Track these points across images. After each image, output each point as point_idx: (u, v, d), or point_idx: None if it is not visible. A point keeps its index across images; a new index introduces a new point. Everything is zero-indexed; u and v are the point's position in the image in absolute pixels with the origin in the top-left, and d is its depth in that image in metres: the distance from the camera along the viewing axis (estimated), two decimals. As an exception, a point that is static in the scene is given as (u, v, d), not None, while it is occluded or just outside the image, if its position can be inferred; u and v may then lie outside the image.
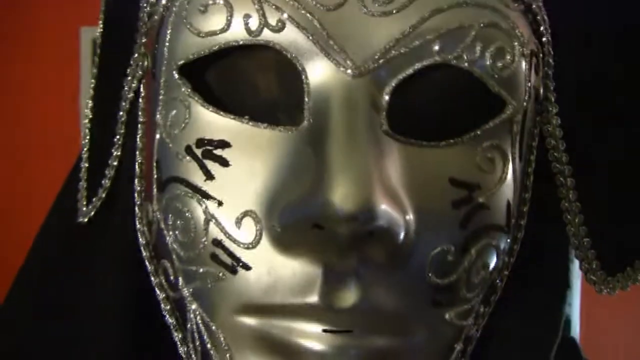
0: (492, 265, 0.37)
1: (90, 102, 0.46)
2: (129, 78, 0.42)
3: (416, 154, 0.35)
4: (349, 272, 0.33)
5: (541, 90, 0.40)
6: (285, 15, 0.34)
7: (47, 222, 0.49)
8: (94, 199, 0.44)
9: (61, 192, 0.49)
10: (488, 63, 0.35)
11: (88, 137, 0.46)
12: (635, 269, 0.39)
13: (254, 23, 0.35)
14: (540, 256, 0.43)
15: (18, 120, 2.11)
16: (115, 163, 0.43)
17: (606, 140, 0.42)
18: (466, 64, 0.35)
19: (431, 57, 0.35)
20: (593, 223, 0.41)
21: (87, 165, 0.45)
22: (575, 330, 1.95)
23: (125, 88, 0.43)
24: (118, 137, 0.43)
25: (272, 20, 0.34)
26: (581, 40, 0.42)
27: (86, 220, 0.44)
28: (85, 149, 0.46)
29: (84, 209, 0.44)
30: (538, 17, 0.40)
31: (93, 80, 0.47)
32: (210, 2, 0.35)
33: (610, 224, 0.42)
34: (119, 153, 0.43)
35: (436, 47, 0.35)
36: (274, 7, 0.34)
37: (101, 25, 0.46)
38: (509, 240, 0.38)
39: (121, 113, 0.43)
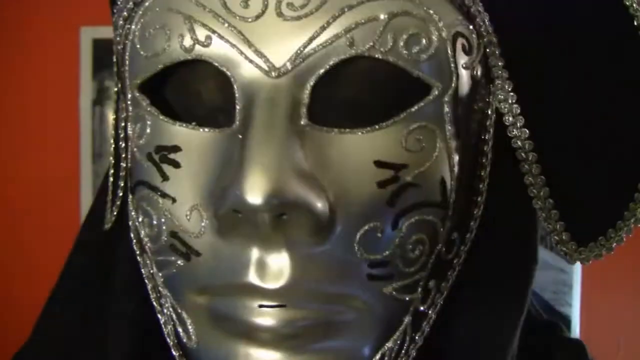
0: (429, 240, 0.39)
1: (112, 117, 0.51)
2: (121, 100, 0.47)
3: (339, 141, 0.38)
4: (278, 252, 0.37)
5: (478, 70, 0.41)
6: (211, 31, 0.39)
7: (80, 233, 0.54)
8: (113, 207, 0.49)
9: (93, 204, 0.54)
10: (403, 50, 0.38)
11: (112, 151, 0.51)
12: (608, 238, 0.41)
13: (187, 41, 0.39)
14: (506, 232, 0.45)
15: (18, 120, 2.11)
16: (123, 174, 0.48)
17: (566, 111, 0.43)
18: (379, 54, 0.37)
19: (344, 52, 0.37)
20: (559, 195, 0.42)
21: (111, 179, 0.50)
22: (575, 331, 1.95)
23: (120, 108, 0.47)
24: (121, 151, 0.47)
25: (201, 37, 0.39)
26: (521, 13, 0.43)
27: (108, 227, 0.49)
28: (111, 162, 0.50)
29: (108, 216, 0.50)
30: (466, 1, 0.41)
31: (115, 96, 0.51)
32: (152, 28, 0.40)
33: (578, 194, 0.43)
34: (125, 165, 0.47)
35: (347, 43, 0.37)
36: (201, 25, 0.39)
37: (115, 53, 0.51)
38: (449, 216, 0.40)
39: (119, 130, 0.48)
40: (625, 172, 0.42)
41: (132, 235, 0.45)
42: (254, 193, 0.34)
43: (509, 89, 0.42)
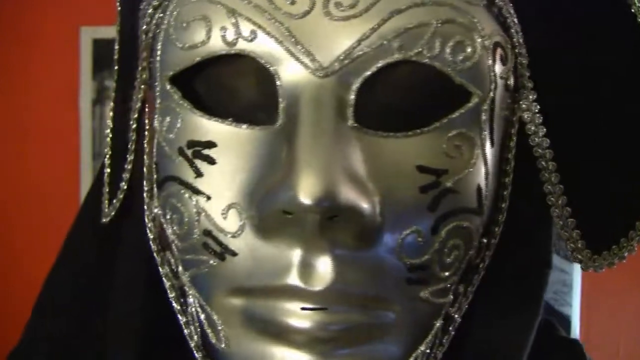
0: (464, 246, 0.40)
1: (111, 112, 0.51)
2: (136, 89, 0.46)
3: (383, 145, 0.38)
4: (322, 255, 0.37)
5: (511, 80, 0.42)
6: (256, 26, 0.38)
7: (74, 227, 0.53)
8: (114, 201, 0.47)
9: (87, 197, 0.53)
10: (449, 57, 0.38)
11: (110, 145, 0.50)
12: (621, 247, 0.42)
13: (230, 35, 0.38)
14: (522, 237, 0.46)
15: (18, 120, 2.11)
16: (129, 167, 0.47)
17: (586, 122, 0.44)
18: (427, 60, 0.38)
19: (392, 55, 0.37)
20: (577, 203, 0.43)
21: (109, 170, 0.49)
22: (575, 331, 1.95)
23: (134, 98, 0.46)
24: (130, 143, 0.47)
25: (246, 32, 0.38)
26: (551, 27, 0.44)
27: (107, 220, 0.48)
28: (107, 155, 0.49)
29: (106, 210, 0.48)
30: (503, 10, 0.42)
31: (113, 93, 0.50)
32: (191, 18, 0.39)
33: (594, 203, 0.44)
34: (132, 158, 0.47)
35: (396, 45, 0.37)
36: (246, 19, 0.38)
37: (117, 41, 0.50)
38: (482, 222, 0.41)
39: (131, 122, 0.47)
40: (638, 184, 0.43)
41: (150, 231, 0.44)
42: (308, 194, 0.34)
43: (532, 99, 0.43)
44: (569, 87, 0.44)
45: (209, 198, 0.39)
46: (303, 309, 0.37)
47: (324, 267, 0.37)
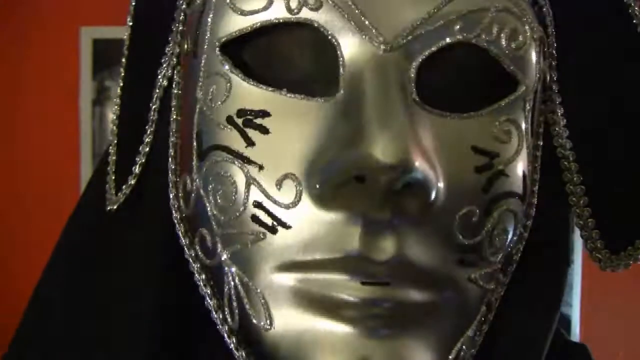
0: (510, 231, 0.40)
1: (118, 99, 0.49)
2: (164, 66, 0.45)
3: (441, 123, 0.38)
4: (385, 226, 0.36)
5: (548, 77, 0.44)
6: None
7: (74, 215, 0.51)
8: (123, 187, 0.46)
9: (89, 184, 0.52)
10: (504, 43, 0.39)
11: (116, 131, 0.48)
12: (636, 248, 0.43)
13: (293, 2, 0.38)
14: (546, 235, 0.46)
15: (18, 120, 2.11)
16: (147, 149, 0.45)
17: (608, 126, 0.45)
18: (485, 44, 0.39)
19: (454, 35, 0.38)
20: (597, 204, 0.44)
21: (114, 158, 0.47)
22: (575, 331, 1.95)
23: (159, 77, 0.45)
24: (150, 124, 0.45)
25: (311, 0, 0.37)
26: (580, 30, 0.45)
27: (115, 207, 0.46)
28: (114, 141, 0.48)
29: (113, 197, 0.46)
30: (544, 9, 0.44)
31: (121, 80, 0.49)
32: None
33: (613, 205, 0.44)
34: (149, 139, 0.45)
35: (457, 27, 0.38)
36: None
37: (130, 23, 0.49)
38: (524, 210, 0.41)
39: (154, 100, 0.45)
40: None
41: (176, 210, 0.42)
42: (387, 155, 0.33)
43: (559, 101, 0.44)
44: (593, 91, 0.45)
45: (261, 168, 0.37)
46: (364, 283, 0.36)
47: (387, 238, 0.36)
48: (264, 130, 0.38)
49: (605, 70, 0.45)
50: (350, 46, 0.37)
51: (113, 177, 0.47)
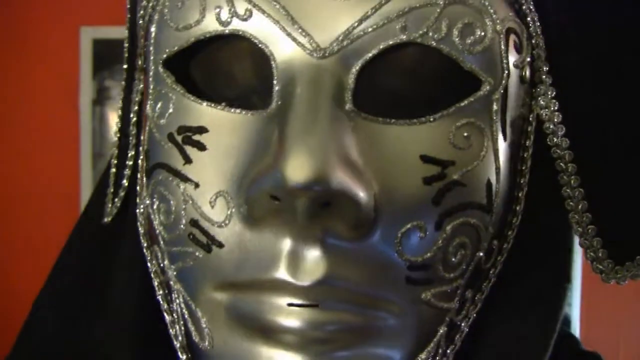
0: (472, 245, 0.37)
1: (120, 111, 0.49)
2: (136, 81, 0.45)
3: (384, 131, 0.35)
4: (313, 246, 0.34)
5: (527, 71, 0.40)
6: (252, 4, 0.36)
7: (77, 226, 0.51)
8: (115, 199, 0.46)
9: (91, 198, 0.52)
10: (456, 40, 0.36)
11: (117, 145, 0.48)
12: None
13: (224, 14, 0.36)
14: (541, 245, 0.42)
15: (18, 120, 2.11)
16: (130, 163, 0.45)
17: (609, 122, 0.41)
18: (433, 42, 0.35)
19: (396, 36, 0.35)
20: (598, 209, 0.40)
21: (114, 170, 0.47)
22: (575, 331, 1.95)
23: (134, 91, 0.45)
24: (131, 137, 0.45)
25: (241, 10, 0.36)
26: (571, 20, 0.41)
27: (109, 220, 0.46)
28: (115, 154, 0.48)
29: (109, 209, 0.47)
30: None
31: (122, 92, 0.49)
32: (185, 0, 0.38)
33: (617, 210, 0.40)
34: (132, 153, 0.45)
35: (399, 26, 0.35)
36: None
37: (126, 39, 0.48)
38: (492, 221, 0.38)
39: (131, 115, 0.45)
40: None
41: (140, 225, 0.42)
42: (298, 175, 0.31)
43: (551, 96, 0.40)
44: (590, 84, 0.41)
45: (197, 186, 0.37)
46: (290, 304, 0.34)
47: (315, 259, 0.34)
48: (201, 147, 0.37)
49: (604, 60, 0.41)
50: (284, 55, 0.35)
51: (112, 190, 0.47)
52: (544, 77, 0.40)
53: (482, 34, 0.36)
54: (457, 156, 0.36)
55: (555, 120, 0.40)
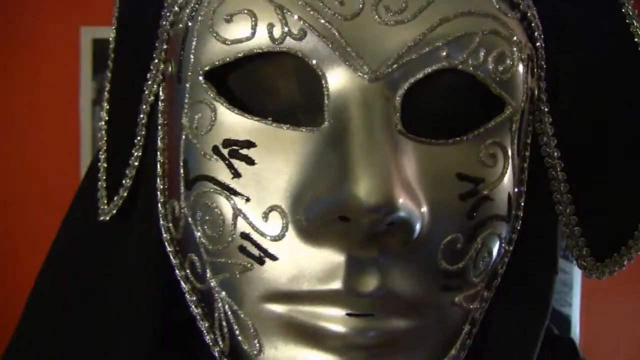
0: (495, 252, 0.41)
1: (106, 105, 0.48)
2: (149, 82, 0.44)
3: (427, 151, 0.38)
4: (370, 261, 0.36)
5: (536, 91, 0.44)
6: (306, 25, 0.37)
7: (65, 224, 0.51)
8: (115, 198, 0.46)
9: (78, 194, 0.51)
10: (491, 67, 0.39)
11: (105, 139, 0.47)
12: (621, 255, 0.43)
13: (277, 32, 0.37)
14: (532, 244, 0.46)
15: (18, 120, 2.11)
16: (136, 163, 0.45)
17: (595, 135, 0.45)
18: (471, 68, 0.38)
19: (440, 62, 0.38)
20: (583, 213, 0.44)
21: (105, 165, 0.47)
22: (575, 331, 1.95)
23: (146, 92, 0.45)
24: (139, 138, 0.45)
25: (294, 29, 0.37)
26: (563, 42, 0.45)
27: (108, 218, 0.46)
28: (102, 150, 0.47)
29: (105, 208, 0.46)
30: (533, 24, 0.43)
31: (108, 84, 0.49)
32: (235, 11, 0.38)
33: (599, 213, 0.45)
34: (139, 154, 0.45)
35: (444, 53, 0.37)
36: (296, 16, 0.37)
37: (114, 32, 0.48)
38: (509, 229, 0.42)
39: (142, 115, 0.45)
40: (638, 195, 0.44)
41: (166, 231, 0.42)
42: (369, 198, 0.33)
43: (547, 110, 0.44)
44: (580, 100, 0.45)
45: (248, 200, 0.37)
46: (349, 314, 0.36)
47: (371, 272, 0.36)
48: (250, 162, 0.38)
49: (592, 77, 0.45)
50: (335, 76, 0.37)
51: (104, 186, 0.47)
52: (541, 94, 0.44)
53: (511, 62, 0.39)
54: (485, 173, 0.39)
55: (549, 132, 0.44)
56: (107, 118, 0.48)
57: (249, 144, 0.38)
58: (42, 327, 0.48)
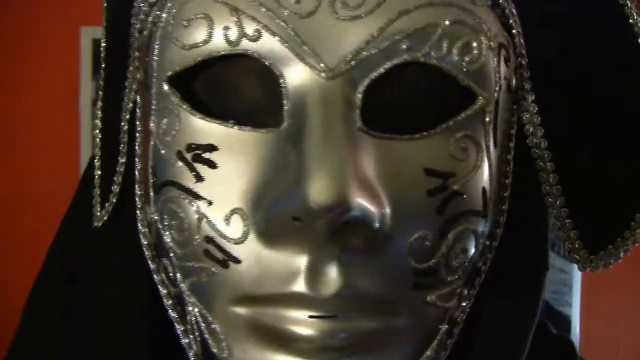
0: (471, 249, 0.39)
1: (99, 112, 0.49)
2: (127, 90, 0.45)
3: (391, 147, 0.37)
4: (331, 261, 0.36)
5: (513, 81, 0.42)
6: (261, 25, 0.37)
7: (62, 230, 0.51)
8: (106, 204, 0.46)
9: (75, 199, 0.52)
10: (456, 58, 0.38)
11: (99, 146, 0.48)
12: (617, 247, 0.42)
13: (232, 34, 0.37)
14: (521, 240, 0.45)
15: (18, 120, 2.11)
16: (121, 170, 0.45)
17: (583, 124, 0.44)
18: (434, 61, 0.37)
19: (400, 56, 0.37)
20: (574, 204, 0.43)
21: (99, 172, 0.47)
22: (575, 331, 1.96)
23: (125, 99, 0.45)
24: (122, 145, 0.45)
25: (249, 31, 0.37)
26: (548, 29, 0.44)
27: (100, 224, 0.46)
28: (97, 157, 0.48)
29: (98, 214, 0.46)
30: (506, 11, 0.42)
31: (101, 92, 0.49)
32: (192, 16, 0.38)
33: (591, 204, 0.43)
34: (124, 160, 0.45)
35: (404, 46, 0.37)
36: (250, 18, 0.37)
37: (104, 39, 0.48)
38: (487, 225, 0.40)
39: (122, 123, 0.45)
40: (634, 185, 0.43)
41: (143, 236, 0.43)
42: (319, 200, 0.33)
43: (531, 100, 0.43)
44: (567, 88, 0.44)
45: (210, 203, 0.37)
46: (311, 316, 0.36)
47: (333, 273, 0.36)
48: (212, 165, 0.38)
49: (579, 65, 0.44)
50: (293, 75, 0.36)
51: (99, 192, 0.47)
52: (525, 83, 0.43)
53: (478, 52, 0.38)
54: (456, 167, 0.38)
55: (535, 122, 0.43)
56: (100, 126, 0.48)
57: (212, 148, 0.38)
58: (40, 330, 0.49)
